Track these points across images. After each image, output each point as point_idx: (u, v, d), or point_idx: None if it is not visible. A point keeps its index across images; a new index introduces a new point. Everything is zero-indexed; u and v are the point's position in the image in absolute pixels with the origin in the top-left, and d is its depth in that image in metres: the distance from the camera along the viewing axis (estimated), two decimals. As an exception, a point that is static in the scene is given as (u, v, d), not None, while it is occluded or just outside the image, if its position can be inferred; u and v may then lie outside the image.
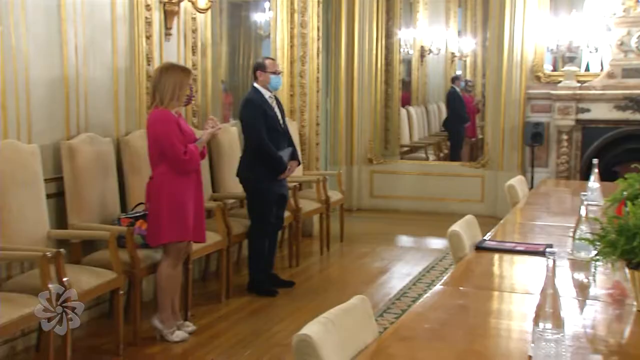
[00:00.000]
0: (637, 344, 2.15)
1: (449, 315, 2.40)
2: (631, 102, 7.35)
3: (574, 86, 7.59)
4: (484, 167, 8.34)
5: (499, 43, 8.03)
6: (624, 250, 2.29)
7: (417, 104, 10.83)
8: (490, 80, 8.29)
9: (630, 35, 7.33)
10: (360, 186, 8.79)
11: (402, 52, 9.86)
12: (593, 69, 8.30)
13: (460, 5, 11.43)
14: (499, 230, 3.78)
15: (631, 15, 7.36)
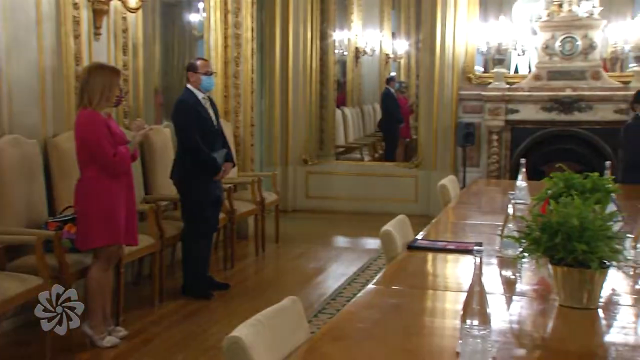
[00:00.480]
0: (558, 337, 2.21)
1: (381, 315, 2.42)
2: (556, 104, 7.59)
3: (503, 87, 7.79)
4: (418, 167, 8.46)
5: (431, 45, 8.17)
6: (547, 247, 2.35)
7: (352, 104, 10.92)
8: (423, 81, 8.42)
9: (555, 39, 7.57)
10: (295, 187, 8.80)
11: (336, 53, 9.92)
12: (522, 70, 8.55)
13: (394, 8, 11.59)
14: (431, 229, 3.83)
15: (555, 20, 7.59)
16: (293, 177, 8.79)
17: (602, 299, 2.41)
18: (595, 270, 2.28)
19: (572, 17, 7.50)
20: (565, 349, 2.08)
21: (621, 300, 2.56)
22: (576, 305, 2.34)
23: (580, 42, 7.49)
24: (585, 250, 2.27)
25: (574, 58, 7.56)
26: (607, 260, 2.30)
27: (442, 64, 8.08)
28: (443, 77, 8.11)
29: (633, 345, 2.10)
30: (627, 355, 1.99)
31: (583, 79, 7.57)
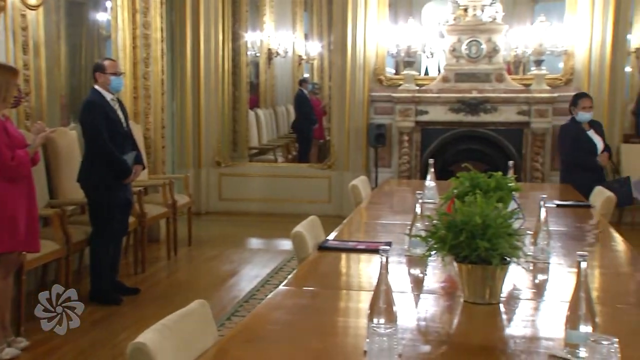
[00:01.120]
0: (463, 332, 2.28)
1: (291, 316, 2.43)
2: (464, 105, 7.81)
3: (413, 89, 7.95)
4: (331, 168, 8.53)
5: (342, 47, 8.26)
6: (452, 245, 2.42)
7: (266, 106, 10.90)
8: (335, 83, 8.50)
9: (461, 42, 7.79)
10: (208, 189, 8.70)
11: (249, 54, 9.88)
12: (432, 72, 8.76)
13: (306, 10, 11.64)
14: (342, 230, 3.87)
15: (461, 24, 7.82)
16: (206, 179, 8.69)
17: (503, 294, 2.50)
18: (497, 267, 2.35)
19: (476, 22, 7.74)
20: (469, 343, 2.14)
21: (521, 294, 2.65)
22: (479, 301, 2.42)
23: (485, 46, 7.74)
24: (487, 247, 2.34)
25: (479, 61, 7.81)
26: (507, 256, 2.39)
27: (353, 66, 8.18)
28: (354, 78, 8.21)
29: (530, 337, 2.18)
30: (524, 347, 2.07)
31: (488, 81, 7.83)
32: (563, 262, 3.04)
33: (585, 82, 7.76)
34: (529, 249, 2.99)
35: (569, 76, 7.87)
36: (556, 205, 4.52)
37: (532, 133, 7.85)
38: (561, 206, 4.52)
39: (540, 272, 2.94)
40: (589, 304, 1.90)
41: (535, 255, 3.01)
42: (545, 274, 2.93)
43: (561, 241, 3.46)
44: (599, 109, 7.67)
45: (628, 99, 8.88)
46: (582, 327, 1.88)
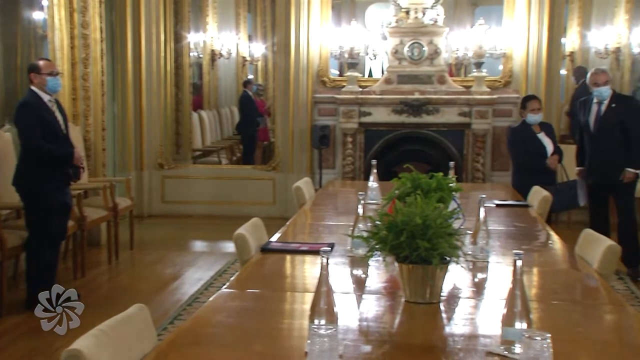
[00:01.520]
0: (404, 332, 2.30)
1: (233, 318, 2.41)
2: (406, 106, 7.90)
3: (356, 91, 8.00)
4: (275, 169, 8.51)
5: (285, 48, 8.25)
6: (393, 246, 2.44)
7: (209, 107, 10.81)
8: (279, 84, 8.48)
9: (403, 44, 7.88)
10: (151, 192, 8.58)
11: (192, 55, 9.79)
12: (375, 74, 8.83)
13: (250, 11, 11.61)
14: (285, 231, 3.86)
15: (403, 26, 7.91)
16: (148, 181, 8.56)
17: (444, 293, 2.53)
18: (437, 266, 2.38)
19: (418, 24, 7.84)
20: (410, 342, 2.16)
21: (461, 293, 2.70)
22: (420, 301, 2.45)
23: (427, 48, 7.84)
24: (427, 247, 2.37)
25: (421, 63, 7.91)
26: (447, 256, 2.42)
27: (297, 67, 8.18)
28: (298, 80, 8.21)
29: (469, 335, 2.22)
30: (462, 345, 2.11)
31: (430, 83, 7.93)
32: (502, 261, 3.10)
33: (523, 84, 7.94)
34: (468, 248, 3.04)
35: (507, 78, 8.04)
36: (496, 205, 4.61)
37: (473, 134, 7.98)
38: (500, 206, 4.61)
39: (480, 271, 2.99)
40: (524, 301, 1.94)
41: (475, 255, 3.06)
42: (484, 272, 2.99)
43: (500, 240, 3.53)
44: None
45: (563, 101, 9.14)
46: (518, 323, 1.92)
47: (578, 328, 2.31)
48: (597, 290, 2.74)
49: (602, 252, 3.01)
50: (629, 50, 9.18)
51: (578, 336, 2.21)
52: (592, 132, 5.72)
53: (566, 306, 2.54)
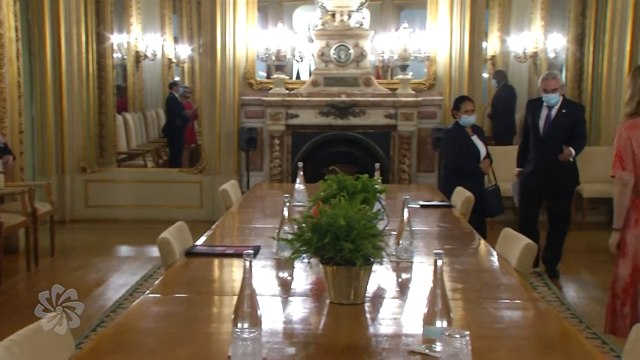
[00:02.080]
0: (329, 333, 2.31)
1: (156, 324, 2.37)
2: (333, 109, 7.95)
3: (283, 93, 8.00)
4: (202, 172, 8.43)
5: (211, 50, 8.18)
6: (317, 247, 2.45)
7: (134, 110, 10.61)
8: (206, 86, 8.40)
9: (330, 47, 7.93)
10: (73, 196, 8.35)
11: (116, 57, 9.58)
12: (303, 76, 8.85)
13: (175, 12, 11.45)
14: (212, 235, 3.83)
15: (329, 29, 7.96)
16: (70, 186, 8.33)
17: (368, 294, 2.55)
18: (360, 267, 2.41)
19: (344, 27, 7.90)
20: (334, 343, 2.17)
21: (385, 294, 2.73)
22: (344, 302, 2.46)
23: (353, 51, 7.92)
24: (351, 248, 2.39)
25: (347, 65, 7.97)
26: (371, 257, 2.44)
27: (223, 69, 8.13)
28: (225, 82, 8.16)
29: (392, 335, 2.25)
30: (386, 345, 2.13)
31: (356, 85, 8.01)
32: (425, 261, 3.15)
33: (447, 86, 8.11)
34: (392, 249, 3.08)
35: (432, 81, 8.20)
36: (420, 205, 4.69)
37: (399, 136, 8.10)
38: (425, 206, 4.69)
39: (404, 271, 3.03)
40: (444, 300, 1.97)
41: (399, 255, 3.11)
42: (408, 272, 3.03)
43: (424, 240, 3.59)
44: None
45: (485, 104, 9.40)
46: (438, 322, 1.96)
47: (496, 325, 2.37)
48: (515, 287, 2.82)
49: (520, 250, 3.10)
50: (545, 55, 9.53)
51: (496, 333, 2.27)
52: (542, 135, 5.61)
53: (486, 304, 2.60)
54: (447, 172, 5.94)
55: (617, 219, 3.61)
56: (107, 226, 8.05)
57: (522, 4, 10.00)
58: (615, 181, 3.58)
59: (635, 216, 3.51)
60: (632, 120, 3.50)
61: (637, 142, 3.45)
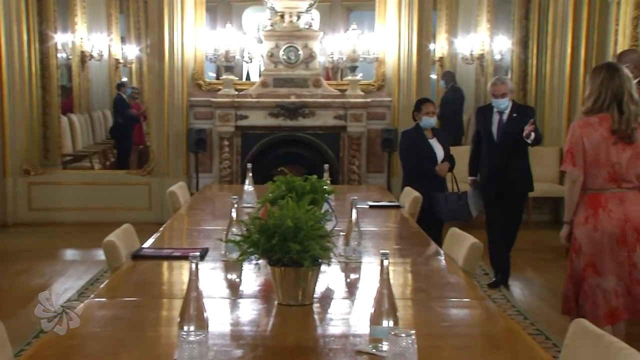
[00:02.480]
0: (277, 335, 2.30)
1: (99, 329, 2.33)
2: (283, 110, 7.94)
3: (232, 94, 7.96)
4: (150, 174, 8.32)
5: (159, 51, 8.08)
6: (265, 249, 2.44)
7: (80, 111, 10.39)
8: (154, 87, 8.30)
9: (279, 48, 7.92)
10: (16, 199, 8.14)
11: (60, 57, 9.37)
12: (253, 77, 8.81)
13: (122, 12, 11.25)
14: (159, 237, 3.78)
15: (278, 30, 7.95)
16: (13, 188, 8.11)
17: (317, 294, 2.56)
18: (308, 269, 2.41)
19: (293, 28, 7.90)
20: (281, 345, 2.17)
21: (334, 294, 2.73)
22: (293, 303, 2.46)
23: (302, 52, 7.92)
24: (298, 249, 2.39)
25: (296, 66, 7.97)
26: (318, 258, 2.44)
27: (171, 70, 8.04)
28: (173, 83, 8.07)
29: (340, 335, 2.25)
30: (333, 345, 2.14)
31: (306, 87, 8.01)
32: (374, 261, 3.16)
33: (396, 88, 8.18)
34: (341, 249, 3.09)
35: (380, 82, 8.26)
36: (369, 206, 4.72)
37: (348, 137, 8.14)
38: (374, 207, 4.72)
39: (352, 272, 3.04)
40: (390, 300, 1.99)
41: (347, 256, 3.12)
42: (357, 273, 3.04)
43: (373, 241, 3.61)
44: (408, 115, 8.14)
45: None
46: (385, 322, 1.97)
47: (443, 323, 2.40)
48: (462, 286, 2.85)
49: (467, 249, 3.14)
50: (492, 57, 9.70)
51: (442, 331, 2.30)
52: (496, 141, 5.51)
53: (432, 303, 2.63)
54: (405, 175, 5.78)
55: (568, 213, 3.69)
56: (51, 230, 7.87)
57: (468, 7, 10.15)
58: (565, 177, 3.67)
59: (585, 213, 3.59)
60: (586, 118, 3.58)
61: (588, 140, 3.53)
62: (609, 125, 3.51)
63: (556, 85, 8.21)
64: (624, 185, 3.56)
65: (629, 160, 3.53)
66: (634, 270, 3.56)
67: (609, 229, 3.54)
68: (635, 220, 3.56)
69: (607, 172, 3.54)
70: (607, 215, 3.54)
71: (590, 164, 3.55)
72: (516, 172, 5.52)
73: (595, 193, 3.58)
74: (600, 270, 3.57)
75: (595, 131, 3.53)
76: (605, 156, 3.52)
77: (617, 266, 3.56)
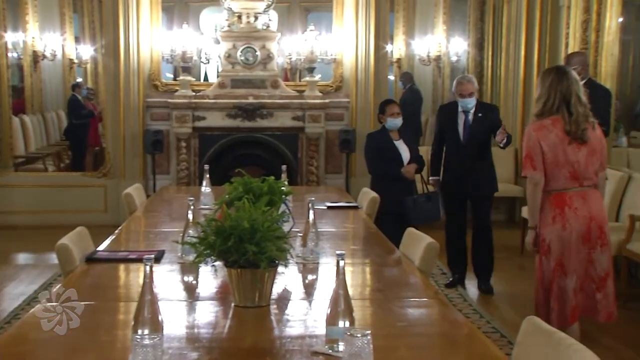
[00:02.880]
0: (233, 337, 2.29)
1: (50, 334, 2.28)
2: (240, 111, 7.90)
3: (189, 95, 7.89)
4: (106, 176, 8.20)
5: (114, 51, 7.97)
6: (221, 251, 2.43)
7: (33, 112, 10.19)
8: (109, 88, 8.18)
9: (236, 49, 7.88)
10: (-34, 202, 7.95)
11: (11, 56, 9.17)
12: (211, 78, 8.75)
13: (76, 11, 11.08)
14: (115, 239, 3.73)
15: (235, 31, 7.91)
16: (-38, 191, 7.92)
17: (274, 296, 2.55)
18: (265, 270, 2.40)
19: (250, 29, 7.87)
20: (238, 347, 2.16)
21: (291, 295, 2.73)
22: (249, 304, 2.45)
23: (259, 53, 7.89)
24: (255, 251, 2.38)
25: (254, 67, 7.94)
26: (275, 259, 2.44)
27: (127, 71, 7.93)
28: (129, 83, 7.96)
29: (296, 336, 2.25)
30: (290, 346, 2.14)
31: (264, 88, 7.98)
32: (331, 262, 3.16)
33: (354, 89, 8.21)
34: (298, 250, 3.09)
35: (338, 83, 8.28)
36: (327, 207, 4.72)
37: (306, 138, 8.14)
38: (332, 208, 4.73)
39: (310, 273, 3.05)
40: (346, 301, 1.99)
41: (305, 257, 3.12)
42: (314, 274, 3.05)
43: (330, 241, 3.62)
44: (366, 116, 8.19)
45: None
46: (341, 322, 1.97)
47: (399, 323, 2.42)
48: (418, 286, 2.88)
49: (423, 249, 3.17)
50: (448, 58, 9.82)
51: (398, 331, 2.31)
52: (462, 142, 5.41)
53: (389, 303, 2.64)
54: (373, 177, 5.66)
55: (532, 218, 3.72)
56: (3, 233, 7.68)
57: (425, 9, 10.26)
58: (527, 181, 3.70)
59: (552, 213, 3.63)
60: (539, 121, 3.63)
61: (546, 143, 3.58)
62: (562, 126, 3.58)
63: (511, 87, 8.33)
64: (585, 183, 3.63)
65: (586, 158, 3.60)
66: (590, 267, 3.63)
67: (576, 227, 3.59)
68: (599, 218, 3.63)
69: (568, 171, 3.59)
70: (574, 213, 3.59)
71: (551, 165, 3.60)
72: (482, 173, 5.46)
73: (560, 193, 3.63)
74: (567, 270, 3.62)
75: (550, 132, 3.59)
76: (564, 156, 3.58)
77: (578, 264, 3.62)
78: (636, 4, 7.46)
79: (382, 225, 4.36)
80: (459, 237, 5.64)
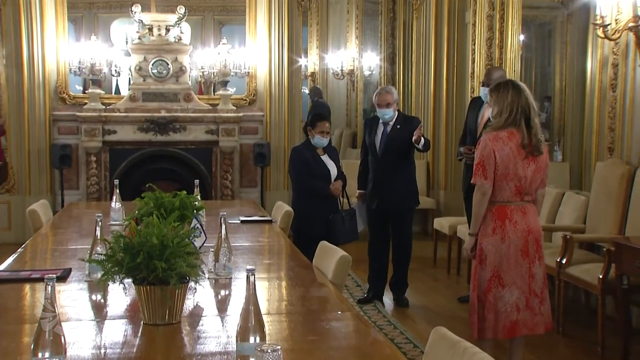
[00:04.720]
0: (142, 356, 2.23)
1: (-53, 361, 2.16)
2: (152, 124, 7.77)
3: (99, 108, 7.71)
4: (10, 192, 7.89)
5: (17, 62, 7.70)
6: (129, 268, 2.37)
7: None
8: (12, 100, 7.89)
9: (147, 62, 7.75)
10: None
11: None
12: (123, 91, 8.57)
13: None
14: (18, 258, 3.58)
15: (146, 43, 7.79)
16: None
17: (185, 313, 2.50)
18: (175, 286, 2.35)
19: (162, 41, 7.77)
20: (147, 367, 2.10)
21: (203, 312, 2.69)
22: (159, 322, 2.39)
23: (172, 66, 7.80)
24: (164, 267, 2.33)
25: (166, 80, 7.84)
26: (186, 275, 2.40)
27: (31, 83, 7.68)
28: (34, 96, 7.71)
29: (207, 353, 2.21)
30: (199, 365, 2.10)
31: (176, 101, 7.89)
32: (244, 277, 3.13)
33: (267, 102, 8.22)
34: (211, 266, 3.05)
35: (252, 97, 8.27)
36: (241, 221, 4.69)
37: (221, 151, 8.08)
38: (246, 222, 4.70)
39: (223, 288, 3.01)
40: (257, 316, 1.97)
41: (217, 272, 3.08)
42: (227, 289, 3.01)
43: (244, 256, 3.59)
44: (280, 129, 8.21)
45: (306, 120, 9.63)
46: (252, 338, 1.95)
47: (310, 337, 2.41)
48: (330, 299, 2.89)
49: (336, 262, 3.19)
50: (361, 72, 9.98)
51: (309, 345, 2.30)
52: (378, 153, 5.38)
53: (301, 317, 2.64)
54: (296, 194, 5.40)
55: (474, 225, 3.76)
56: None
57: (337, 23, 10.41)
58: (475, 189, 3.75)
59: (493, 225, 3.69)
60: (495, 133, 3.68)
61: (500, 155, 3.64)
62: (517, 140, 3.64)
63: (421, 101, 8.53)
64: (525, 198, 3.71)
65: (532, 174, 3.68)
66: (532, 281, 3.70)
67: (514, 240, 3.65)
68: (536, 232, 3.72)
69: (515, 185, 3.65)
70: (513, 226, 3.66)
71: (500, 177, 3.65)
72: (401, 186, 5.38)
73: (502, 205, 3.69)
74: (504, 282, 3.67)
75: (505, 145, 3.64)
76: (514, 170, 3.64)
77: (519, 278, 3.68)
78: (536, 23, 7.80)
79: (300, 241, 4.32)
80: (383, 252, 5.58)
